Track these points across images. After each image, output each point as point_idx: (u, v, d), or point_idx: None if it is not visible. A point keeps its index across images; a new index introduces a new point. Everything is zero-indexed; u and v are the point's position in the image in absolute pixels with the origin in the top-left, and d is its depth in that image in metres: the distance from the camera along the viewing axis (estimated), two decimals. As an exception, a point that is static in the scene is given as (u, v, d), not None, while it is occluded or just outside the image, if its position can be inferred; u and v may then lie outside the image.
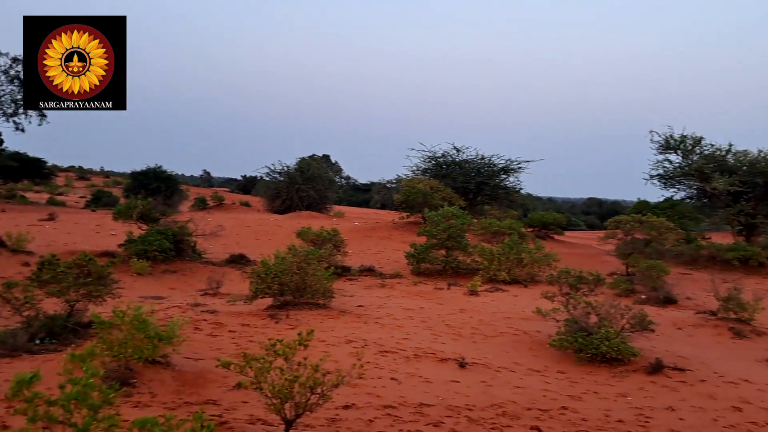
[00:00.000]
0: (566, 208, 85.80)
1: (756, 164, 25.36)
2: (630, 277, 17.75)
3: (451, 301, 14.42)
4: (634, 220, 20.46)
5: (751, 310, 12.65)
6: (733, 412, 7.76)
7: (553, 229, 30.78)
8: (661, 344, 10.86)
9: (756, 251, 21.75)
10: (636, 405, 7.81)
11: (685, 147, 27.13)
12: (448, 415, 6.95)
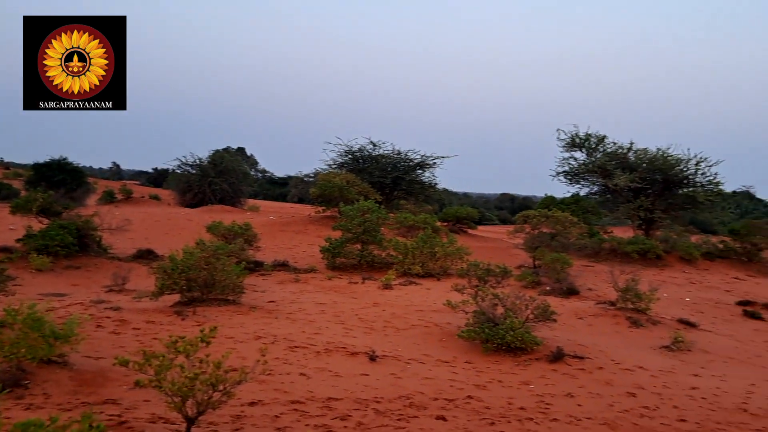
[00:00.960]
0: (480, 203, 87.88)
1: (655, 161, 26.82)
2: (536, 270, 18.39)
3: (365, 295, 14.48)
4: (540, 214, 21.21)
5: (647, 301, 13.36)
6: (628, 398, 8.18)
7: (466, 224, 31.44)
8: (563, 333, 11.30)
9: (653, 244, 23.00)
10: (538, 392, 8.11)
11: (589, 145, 28.37)
12: (355, 408, 6.98)
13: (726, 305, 16.21)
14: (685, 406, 7.95)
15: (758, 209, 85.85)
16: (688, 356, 10.82)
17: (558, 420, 7.10)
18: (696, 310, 15.32)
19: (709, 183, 26.90)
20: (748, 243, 24.75)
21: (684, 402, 8.11)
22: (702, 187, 26.97)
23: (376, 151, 33.49)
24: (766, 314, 15.54)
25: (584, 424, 7.01)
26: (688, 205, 27.69)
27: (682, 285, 19.21)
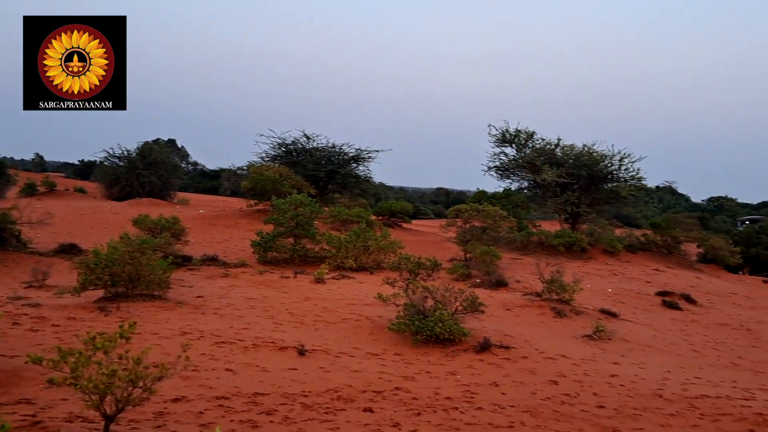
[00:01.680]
0: (416, 197, 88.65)
1: (581, 157, 27.70)
2: (467, 263, 18.71)
3: (296, 289, 14.38)
4: (472, 209, 21.56)
5: (571, 291, 13.81)
6: (550, 385, 8.43)
7: (401, 218, 31.66)
8: (491, 324, 11.55)
9: (579, 238, 23.78)
10: (464, 382, 8.25)
11: (519, 141, 29.05)
12: (282, 402, 6.93)
13: (646, 296, 16.94)
14: (604, 393, 8.25)
15: (680, 204, 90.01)
16: (609, 345, 11.24)
17: (482, 409, 7.25)
18: (617, 300, 15.94)
19: (632, 178, 27.99)
20: (668, 236, 25.93)
21: (603, 389, 8.41)
22: (625, 182, 28.03)
23: (310, 144, 33.27)
24: (684, 304, 16.33)
25: (507, 412, 7.18)
26: (612, 199, 28.73)
27: (605, 276, 19.94)
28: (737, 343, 13.15)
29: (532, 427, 6.79)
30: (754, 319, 15.93)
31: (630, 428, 6.99)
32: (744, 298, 19.35)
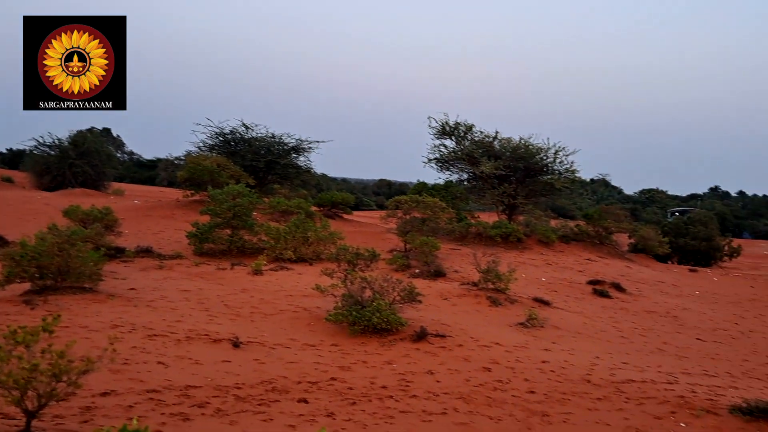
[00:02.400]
0: (359, 188, 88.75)
1: (517, 150, 28.24)
2: (407, 253, 18.86)
3: (233, 281, 14.19)
4: (412, 200, 21.72)
5: (506, 281, 14.11)
6: (484, 372, 8.62)
7: (342, 209, 31.63)
8: (428, 314, 11.69)
9: (515, 228, 24.29)
10: (400, 371, 8.34)
11: (458, 133, 29.37)
12: (215, 395, 6.85)
13: (578, 284, 17.46)
14: (535, 378, 8.49)
15: (613, 196, 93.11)
16: (541, 332, 11.55)
17: (417, 396, 7.35)
18: (551, 289, 16.37)
19: (566, 171, 28.73)
20: (600, 227, 26.76)
21: (534, 375, 8.65)
22: (560, 174, 28.74)
23: (249, 133, 32.76)
24: (614, 292, 16.91)
25: (441, 399, 7.31)
26: (547, 191, 29.43)
27: (539, 266, 20.44)
28: (663, 330, 13.71)
29: (464, 413, 6.92)
30: (680, 306, 16.64)
31: (558, 412, 7.22)
32: (671, 287, 20.17)
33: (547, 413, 7.13)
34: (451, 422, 6.62)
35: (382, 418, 6.57)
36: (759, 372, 10.94)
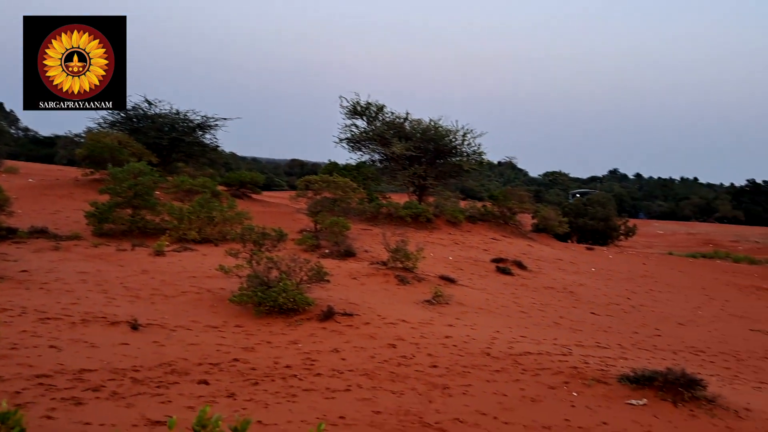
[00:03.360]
0: (270, 168, 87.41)
1: (427, 132, 28.58)
2: (317, 234, 18.78)
3: (133, 262, 13.67)
4: (322, 180, 21.59)
5: (414, 260, 14.32)
6: (389, 349, 8.72)
7: (250, 188, 31.05)
8: (337, 293, 11.70)
9: (424, 209, 24.66)
10: (305, 350, 8.32)
11: (369, 113, 29.39)
12: (111, 378, 6.60)
13: (483, 263, 17.96)
14: (438, 353, 8.68)
15: (519, 178, 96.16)
16: (446, 309, 11.81)
17: (321, 375, 7.36)
18: (457, 267, 16.77)
19: (474, 153, 29.36)
20: (504, 207, 27.60)
21: (437, 350, 8.84)
22: (468, 156, 29.35)
23: (152, 110, 31.46)
24: (516, 270, 17.52)
25: (346, 376, 7.35)
26: (456, 173, 29.99)
27: (447, 245, 20.87)
28: (560, 305, 14.34)
29: (368, 389, 6.99)
30: (577, 282, 17.44)
31: (459, 384, 7.42)
32: (569, 264, 21.10)
33: (448, 386, 7.31)
34: (354, 398, 6.68)
35: (284, 397, 6.54)
36: (647, 343, 11.64)
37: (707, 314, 15.32)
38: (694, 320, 14.45)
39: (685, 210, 75.70)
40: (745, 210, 71.07)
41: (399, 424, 6.03)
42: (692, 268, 23.88)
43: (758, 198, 73.52)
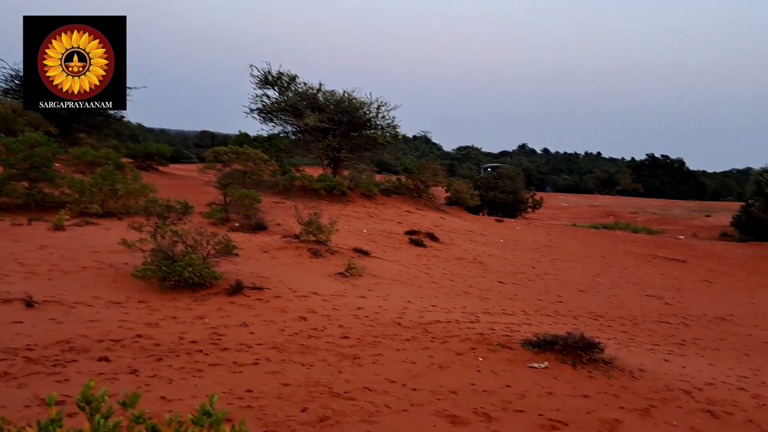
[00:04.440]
0: (179, 140, 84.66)
1: (341, 103, 28.38)
2: (226, 207, 18.36)
3: (30, 237, 12.92)
4: (232, 151, 21.08)
5: (327, 233, 14.26)
6: (299, 322, 8.66)
7: (157, 161, 29.99)
8: (247, 267, 11.50)
9: (339, 182, 24.59)
10: (212, 325, 8.13)
11: (281, 84, 28.84)
12: (2, 358, 6.22)
13: (396, 235, 18.13)
14: (349, 324, 8.70)
15: (433, 152, 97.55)
16: (359, 281, 11.86)
17: (229, 349, 7.22)
18: (371, 240, 16.85)
19: (388, 126, 29.46)
20: (419, 180, 27.91)
21: (349, 321, 8.86)
22: (382, 129, 29.41)
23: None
24: (428, 242, 17.79)
25: (254, 350, 7.24)
26: (371, 145, 30.02)
27: (362, 218, 20.93)
28: (470, 274, 14.70)
29: (277, 362, 6.92)
30: (486, 253, 17.92)
31: (369, 354, 7.47)
32: (479, 235, 21.63)
33: (359, 356, 7.35)
34: (262, 372, 6.59)
35: (189, 372, 6.37)
36: (549, 309, 12.13)
37: (606, 281, 16.13)
38: (594, 287, 15.17)
39: (589, 183, 79.19)
40: (644, 183, 75.08)
41: (308, 395, 6.00)
42: (593, 238, 25.03)
43: (656, 171, 77.80)
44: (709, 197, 72.55)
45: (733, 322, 12.92)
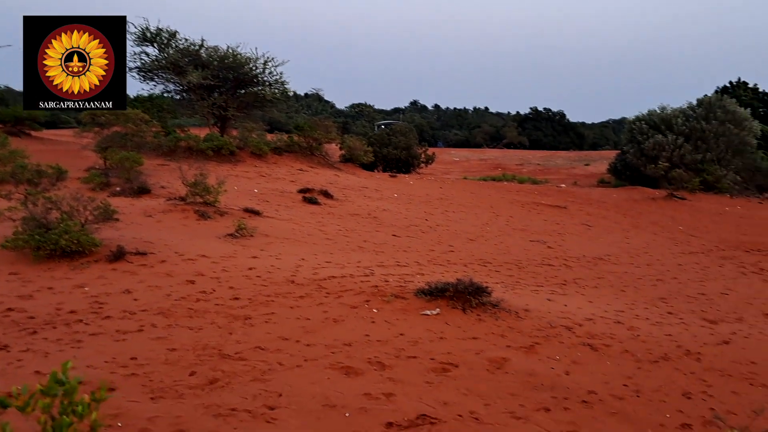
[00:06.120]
0: (53, 104, 78.95)
1: (225, 59, 27.28)
2: (106, 171, 17.38)
3: None
4: (110, 113, 19.85)
5: (215, 194, 13.81)
6: (187, 285, 8.36)
7: (29, 125, 27.86)
8: (130, 232, 10.95)
9: (226, 141, 23.81)
10: (92, 294, 7.70)
11: (161, 40, 27.31)
12: None
13: (289, 194, 17.88)
14: (240, 285, 8.50)
15: (326, 110, 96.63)
16: (250, 241, 11.59)
17: (111, 317, 6.86)
18: (263, 199, 16.51)
19: (276, 82, 28.70)
20: (311, 138, 27.54)
21: (240, 282, 8.66)
22: (270, 86, 28.63)
23: None
24: (322, 199, 17.67)
25: (138, 317, 6.92)
26: (259, 103, 29.20)
27: (253, 178, 20.45)
28: (364, 230, 14.76)
29: (163, 328, 6.66)
30: (380, 208, 18.05)
31: (261, 314, 7.33)
32: (374, 191, 21.74)
33: (250, 316, 7.20)
34: (147, 338, 6.31)
35: (68, 344, 6.00)
36: (441, 259, 12.41)
37: (494, 230, 16.71)
38: (483, 236, 15.67)
39: (478, 138, 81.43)
40: (528, 136, 78.09)
41: (196, 358, 5.82)
42: (482, 190, 25.82)
43: (539, 124, 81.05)
44: (589, 147, 76.72)
45: (610, 262, 13.77)
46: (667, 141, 29.62)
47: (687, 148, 29.36)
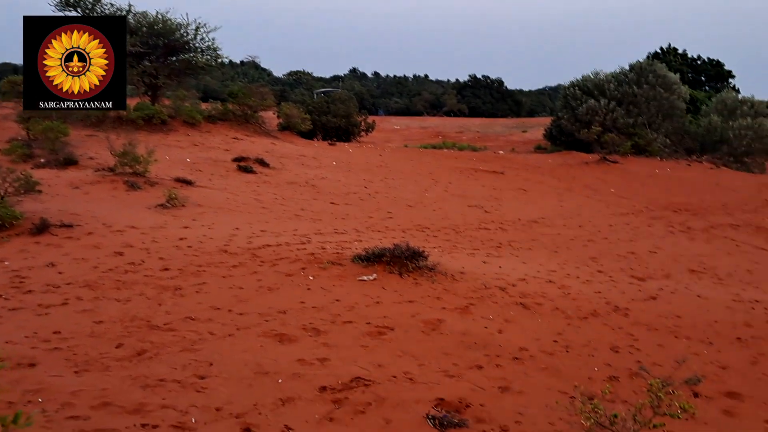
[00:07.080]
0: (-29, 73, 74.83)
1: (155, 25, 26.23)
2: (30, 142, 16.57)
3: None
4: (31, 80, 18.86)
5: (145, 163, 13.37)
6: (115, 257, 8.09)
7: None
8: (55, 204, 10.51)
9: (157, 110, 23.00)
10: (13, 268, 7.37)
11: (85, 5, 25.96)
12: None
13: (223, 162, 17.47)
14: (170, 256, 8.28)
15: (263, 78, 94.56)
16: (182, 211, 11.29)
17: (33, 291, 6.59)
18: (196, 169, 16.09)
19: (209, 49, 27.82)
20: (245, 105, 26.89)
21: (170, 253, 8.43)
22: (202, 52, 27.75)
23: None
24: (258, 168, 17.34)
25: (63, 290, 6.67)
26: (191, 70, 28.29)
27: (185, 147, 19.88)
28: (302, 198, 14.59)
29: (89, 300, 6.43)
30: (318, 176, 17.85)
31: (192, 284, 7.18)
32: (312, 159, 21.46)
33: (181, 287, 7.03)
34: (72, 311, 6.09)
35: (-16, 321, 5.73)
36: (380, 225, 12.40)
37: (433, 196, 16.80)
38: (421, 202, 15.74)
39: (418, 105, 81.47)
40: (467, 103, 78.60)
41: (124, 330, 5.64)
42: (422, 157, 25.89)
43: (478, 92, 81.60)
44: (526, 114, 77.84)
45: (544, 224, 14.07)
46: (600, 106, 30.26)
47: (619, 112, 30.09)
